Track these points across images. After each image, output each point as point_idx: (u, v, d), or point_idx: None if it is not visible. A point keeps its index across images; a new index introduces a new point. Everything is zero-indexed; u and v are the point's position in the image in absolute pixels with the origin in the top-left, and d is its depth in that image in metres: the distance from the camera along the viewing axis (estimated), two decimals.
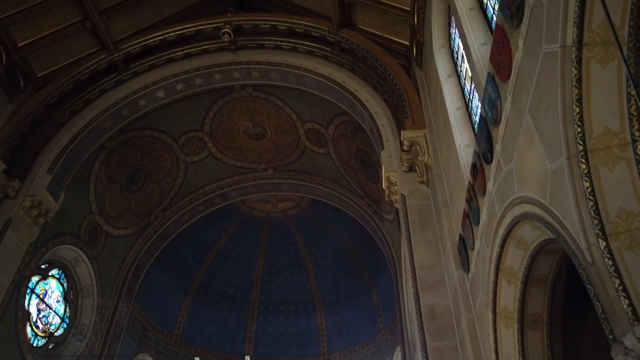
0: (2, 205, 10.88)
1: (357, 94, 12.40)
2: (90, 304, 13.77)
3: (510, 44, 4.70)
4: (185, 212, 17.19)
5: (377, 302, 17.76)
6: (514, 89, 4.69)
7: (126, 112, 13.44)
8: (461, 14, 7.00)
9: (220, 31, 13.52)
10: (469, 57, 6.54)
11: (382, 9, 11.70)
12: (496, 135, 5.37)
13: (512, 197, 4.91)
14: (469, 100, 7.96)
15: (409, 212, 9.51)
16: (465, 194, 6.84)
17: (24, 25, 11.85)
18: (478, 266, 6.62)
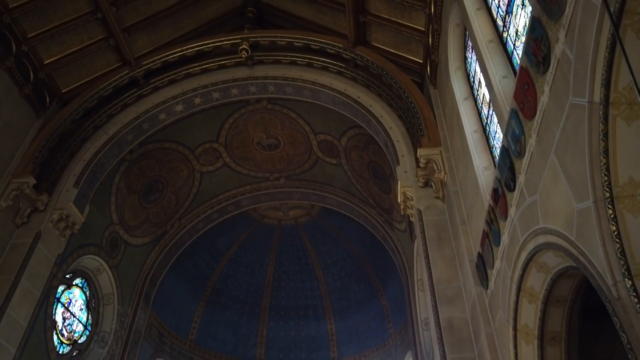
0: (32, 219, 11.28)
1: (371, 110, 12.80)
2: (110, 312, 14.18)
3: (535, 88, 5.12)
4: (199, 221, 17.61)
5: (386, 308, 18.18)
6: (539, 129, 5.12)
7: (147, 126, 13.85)
8: (481, 45, 7.42)
9: (237, 47, 13.92)
10: (490, 88, 6.96)
11: (397, 29, 12.11)
12: (519, 166, 5.80)
13: (537, 226, 5.34)
14: (486, 124, 8.38)
15: (426, 227, 9.94)
16: (485, 216, 7.27)
17: (50, 43, 12.28)
18: (498, 284, 7.05)
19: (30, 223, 11.24)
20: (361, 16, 12.43)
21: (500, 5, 7.18)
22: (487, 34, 7.54)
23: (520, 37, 6.41)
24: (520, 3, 6.33)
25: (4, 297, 10.00)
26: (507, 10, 6.90)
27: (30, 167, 11.34)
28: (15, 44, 11.47)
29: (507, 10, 6.90)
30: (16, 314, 10.11)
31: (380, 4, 12.02)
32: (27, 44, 11.80)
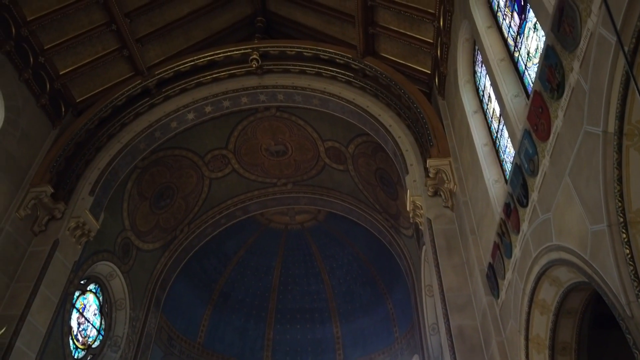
0: (49, 227, 11.54)
1: (380, 119, 13.06)
2: (123, 316, 14.45)
3: (549, 112, 5.39)
4: (208, 226, 17.87)
5: (392, 311, 18.44)
6: (553, 151, 5.39)
7: (159, 134, 14.11)
8: (492, 64, 7.69)
9: (247, 56, 14.19)
10: (502, 106, 7.23)
11: (406, 41, 12.38)
12: (532, 184, 6.07)
13: (550, 243, 5.60)
14: (495, 138, 8.64)
15: (436, 236, 10.20)
16: (497, 228, 7.53)
17: (66, 54, 12.54)
18: (509, 295, 7.32)
19: (48, 231, 11.49)
20: (370, 28, 12.70)
21: (512, 25, 7.44)
22: (498, 52, 7.80)
23: (532, 58, 6.68)
24: (532, 26, 6.59)
25: (25, 304, 10.25)
26: (518, 31, 7.16)
27: (47, 176, 11.60)
28: (32, 56, 11.73)
29: (518, 31, 7.16)
30: (36, 321, 10.37)
31: (389, 16, 12.29)
32: (44, 55, 12.06)
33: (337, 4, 13.28)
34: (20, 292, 10.43)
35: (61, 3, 11.76)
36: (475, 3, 8.73)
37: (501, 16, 7.94)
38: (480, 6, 8.64)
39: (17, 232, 10.91)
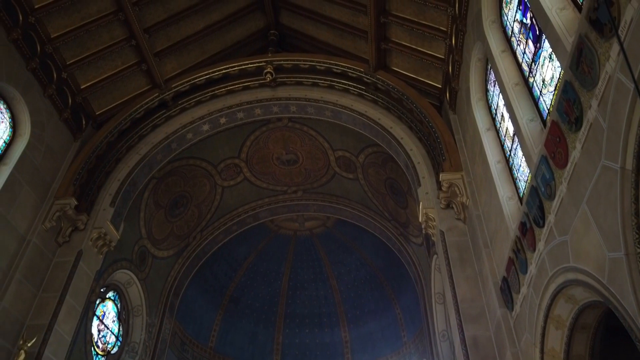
0: (73, 238, 11.91)
1: (391, 131, 13.43)
2: (140, 323, 14.81)
3: (567, 142, 5.77)
4: (220, 233, 18.25)
5: (400, 316, 18.82)
6: (570, 179, 5.76)
7: (175, 145, 14.48)
8: (507, 88, 8.07)
9: (261, 69, 14.57)
10: (518, 129, 7.60)
11: (417, 56, 12.75)
12: (549, 207, 6.44)
13: (567, 264, 5.98)
14: (509, 156, 9.02)
15: (449, 248, 10.57)
16: (512, 245, 7.91)
17: (87, 69, 12.91)
18: (524, 308, 7.69)
19: (71, 242, 11.86)
20: (382, 43, 13.06)
21: (526, 52, 7.82)
22: (512, 76, 8.17)
23: (547, 86, 7.05)
24: (548, 56, 6.96)
25: (52, 314, 10.63)
26: (533, 58, 7.53)
27: (71, 189, 11.97)
28: (56, 72, 12.09)
29: (533, 58, 7.53)
30: (62, 330, 10.73)
31: (401, 32, 12.65)
32: (67, 70, 12.43)
33: (350, 20, 13.64)
34: (47, 302, 10.79)
35: (84, 20, 12.14)
36: (490, 27, 9.09)
37: (515, 41, 8.31)
38: (494, 30, 9.00)
39: (43, 244, 11.27)
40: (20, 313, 10.38)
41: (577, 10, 5.95)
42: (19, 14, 10.85)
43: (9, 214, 10.53)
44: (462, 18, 10.49)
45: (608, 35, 4.74)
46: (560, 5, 6.18)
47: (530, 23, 7.60)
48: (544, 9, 6.33)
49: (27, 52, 11.23)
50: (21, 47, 11.06)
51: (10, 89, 10.89)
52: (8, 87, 10.83)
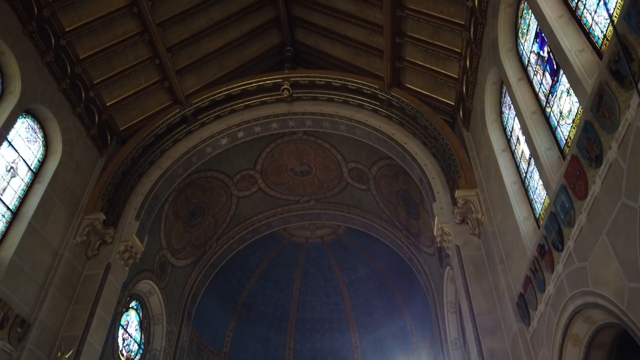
0: (101, 251, 12.38)
1: (406, 146, 13.89)
2: (160, 331, 15.29)
3: (587, 176, 6.25)
4: (234, 241, 18.72)
5: (409, 323, 19.30)
6: (590, 210, 6.24)
7: (195, 159, 14.95)
8: (525, 116, 8.54)
9: (278, 85, 15.05)
10: (536, 156, 8.08)
11: (431, 75, 13.22)
12: (568, 233, 6.92)
13: (586, 288, 6.46)
14: (525, 178, 9.49)
15: (465, 263, 11.05)
16: (529, 264, 8.40)
17: (113, 87, 13.38)
18: (541, 325, 8.18)
19: (100, 255, 12.33)
20: (397, 62, 13.54)
21: (543, 83, 8.29)
22: (530, 105, 8.65)
23: (565, 118, 7.53)
24: (566, 90, 7.44)
25: (84, 325, 11.10)
26: (551, 90, 8.00)
27: (99, 204, 12.44)
28: (84, 91, 12.56)
29: (551, 90, 8.00)
30: (94, 340, 11.20)
31: (416, 52, 13.13)
32: (94, 89, 12.89)
33: (365, 38, 14.11)
34: (79, 314, 11.26)
35: (111, 41, 12.60)
36: (506, 55, 9.56)
37: (532, 71, 8.78)
38: (510, 58, 9.47)
39: (74, 257, 11.74)
40: (54, 325, 10.85)
41: (596, 54, 6.43)
42: (52, 37, 11.31)
43: (44, 230, 10.99)
44: (477, 42, 10.95)
45: (628, 87, 5.21)
46: (579, 47, 6.65)
47: (547, 57, 8.07)
48: (564, 50, 6.80)
49: (58, 73, 11.70)
50: (53, 69, 11.52)
51: (44, 110, 11.36)
52: (42, 109, 11.29)
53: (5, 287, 9.67)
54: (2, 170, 10.27)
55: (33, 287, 10.50)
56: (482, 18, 10.43)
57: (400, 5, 12.26)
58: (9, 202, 10.44)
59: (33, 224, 10.64)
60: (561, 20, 7.12)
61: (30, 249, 10.52)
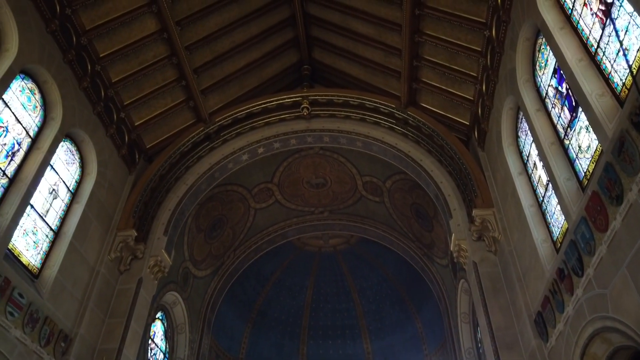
0: (132, 266, 12.94)
1: (421, 164, 14.46)
2: (183, 340, 15.86)
3: (607, 212, 6.83)
4: (251, 251, 19.30)
5: (421, 330, 19.92)
6: (611, 243, 6.82)
7: (217, 174, 15.52)
8: (544, 146, 9.13)
9: (297, 103, 15.63)
10: (555, 186, 8.67)
11: (447, 97, 13.79)
12: (588, 262, 7.51)
13: (605, 313, 7.05)
14: (541, 201, 10.08)
15: (482, 278, 11.64)
16: (548, 285, 8.99)
17: (141, 108, 13.94)
18: (559, 342, 8.77)
19: (131, 270, 12.90)
20: (414, 83, 14.11)
21: (562, 117, 8.88)
22: (548, 135, 9.23)
23: (584, 152, 8.11)
24: (585, 127, 8.02)
25: (120, 338, 11.66)
26: (569, 124, 8.59)
27: (131, 221, 13.01)
28: (115, 113, 13.11)
29: (569, 124, 8.59)
30: (129, 352, 11.77)
31: (432, 75, 13.71)
32: (124, 111, 13.46)
33: (382, 60, 14.67)
34: (114, 327, 11.83)
35: (141, 65, 13.16)
36: (524, 85, 10.14)
37: (550, 103, 9.37)
38: (528, 89, 10.05)
39: (109, 273, 12.31)
40: (92, 338, 11.41)
41: (615, 99, 7.01)
42: (88, 64, 11.86)
43: (82, 248, 11.56)
44: (493, 69, 11.54)
45: None
46: (599, 91, 7.24)
47: (566, 93, 8.66)
48: (584, 93, 7.39)
49: (94, 97, 12.26)
50: (89, 94, 12.09)
51: (81, 133, 11.92)
52: (80, 132, 11.85)
53: (50, 305, 10.22)
54: (45, 193, 10.82)
55: (73, 303, 11.06)
56: (499, 48, 11.01)
57: (418, 31, 12.83)
58: (52, 223, 10.98)
59: (73, 243, 11.20)
60: (581, 64, 7.71)
61: (71, 266, 11.07)
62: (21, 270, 9.69)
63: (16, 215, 9.48)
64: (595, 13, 7.47)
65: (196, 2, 13.16)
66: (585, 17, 7.82)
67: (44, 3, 10.42)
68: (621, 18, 6.79)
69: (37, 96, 10.72)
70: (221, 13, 13.78)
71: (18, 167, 9.99)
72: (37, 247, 10.43)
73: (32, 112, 10.51)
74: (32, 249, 10.28)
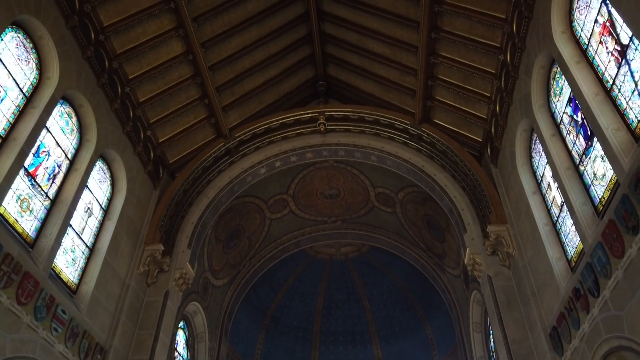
0: (159, 279, 13.46)
1: (435, 178, 14.98)
2: (203, 348, 16.38)
3: (624, 240, 7.36)
4: (265, 260, 19.82)
5: (431, 337, 20.46)
6: (627, 269, 7.35)
7: (237, 188, 16.04)
8: (560, 171, 9.65)
9: (313, 119, 16.16)
10: (571, 210, 9.19)
11: (460, 114, 14.31)
12: (604, 284, 8.04)
13: (621, 333, 7.58)
14: (556, 221, 10.60)
15: (497, 292, 12.17)
16: (564, 303, 9.52)
17: (166, 125, 14.45)
18: (574, 357, 9.29)
19: (158, 282, 13.42)
20: (429, 102, 14.63)
21: (577, 144, 9.40)
22: (563, 161, 9.76)
23: (599, 179, 8.64)
24: (600, 156, 8.55)
25: (150, 349, 12.18)
26: (584, 152, 9.11)
27: (158, 235, 13.53)
28: (142, 132, 13.62)
29: (584, 152, 9.11)
30: None
31: (447, 93, 14.23)
32: (150, 129, 13.98)
33: (398, 78, 15.18)
34: (144, 339, 12.35)
35: (167, 85, 13.68)
36: (538, 110, 10.66)
37: (564, 130, 9.89)
38: (543, 114, 10.57)
39: (138, 286, 12.83)
40: (124, 349, 11.93)
41: (630, 134, 7.53)
42: (118, 87, 12.38)
43: (114, 263, 12.08)
44: (508, 92, 12.05)
45: None
46: (615, 126, 7.77)
47: (581, 122, 9.18)
48: (600, 126, 7.92)
49: (123, 118, 12.78)
50: (120, 115, 12.61)
51: (112, 153, 12.44)
52: (111, 152, 12.38)
53: (88, 319, 10.74)
54: (81, 211, 11.33)
55: (107, 316, 11.58)
56: (513, 72, 11.53)
57: (434, 53, 13.35)
58: (87, 240, 11.50)
59: (107, 258, 11.71)
60: (597, 99, 8.24)
61: (105, 281, 11.59)
62: (62, 287, 10.19)
63: (59, 236, 10.00)
64: (611, 52, 7.99)
65: (219, 25, 13.66)
66: (601, 54, 8.33)
67: (81, 32, 10.93)
68: (637, 60, 7.30)
69: (73, 119, 11.23)
70: (242, 35, 14.28)
71: (58, 188, 10.49)
72: (75, 264, 10.93)
73: (69, 135, 11.02)
74: (70, 266, 10.78)
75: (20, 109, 9.38)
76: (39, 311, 9.11)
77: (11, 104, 9.15)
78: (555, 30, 9.43)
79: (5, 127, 9.00)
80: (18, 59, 9.41)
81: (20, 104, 9.40)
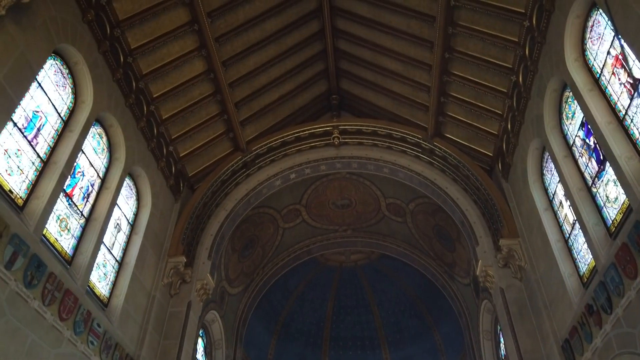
0: (181, 289, 13.92)
1: (447, 191, 15.46)
2: (220, 355, 16.85)
3: (636, 263, 7.84)
4: (278, 267, 20.32)
5: (439, 343, 20.96)
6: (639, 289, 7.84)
7: (253, 200, 16.51)
8: (572, 191, 10.12)
9: (327, 132, 16.62)
10: (585, 230, 9.67)
11: (472, 130, 14.77)
12: (617, 302, 8.52)
13: (634, 349, 8.06)
14: (568, 237, 11.08)
15: (509, 304, 12.65)
16: (577, 317, 9.99)
17: (186, 140, 14.89)
18: None
19: (181, 293, 13.87)
20: (441, 117, 15.09)
21: (589, 166, 9.88)
22: (576, 182, 10.22)
23: (612, 203, 9.11)
24: (612, 180, 9.02)
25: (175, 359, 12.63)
26: (597, 175, 9.59)
27: (180, 247, 13.99)
28: (165, 147, 14.08)
29: (597, 175, 9.59)
30: None
31: (459, 110, 14.69)
32: (172, 144, 14.44)
33: (411, 94, 15.64)
34: (169, 349, 12.81)
35: (189, 102, 14.13)
36: (551, 131, 11.13)
37: (577, 152, 10.36)
38: (555, 135, 11.03)
39: (162, 297, 13.29)
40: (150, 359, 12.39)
41: None
42: (144, 106, 12.83)
43: (141, 276, 12.54)
44: (519, 111, 12.52)
45: None
46: (628, 154, 8.24)
47: (593, 146, 9.65)
48: (613, 154, 8.38)
49: (148, 135, 13.24)
50: (145, 132, 13.06)
51: (138, 169, 12.90)
52: (137, 168, 12.83)
53: (119, 331, 11.20)
54: (111, 227, 11.79)
55: (136, 327, 12.04)
56: (525, 93, 11.99)
57: (447, 72, 13.81)
58: (116, 255, 11.96)
59: (135, 272, 12.17)
60: (610, 127, 8.71)
61: (133, 294, 12.05)
62: (96, 301, 10.64)
63: (94, 252, 10.45)
64: (623, 84, 8.47)
65: (239, 44, 14.12)
66: (613, 84, 8.80)
67: (112, 55, 11.38)
68: None
69: (104, 139, 11.68)
70: (260, 53, 14.73)
71: (92, 207, 10.95)
72: (106, 278, 11.39)
73: (100, 154, 11.48)
74: (102, 280, 11.23)
75: (59, 133, 9.82)
76: (78, 326, 9.57)
77: (51, 129, 9.60)
78: (568, 57, 9.86)
79: (47, 152, 9.44)
80: (56, 85, 9.84)
81: (59, 128, 9.84)
